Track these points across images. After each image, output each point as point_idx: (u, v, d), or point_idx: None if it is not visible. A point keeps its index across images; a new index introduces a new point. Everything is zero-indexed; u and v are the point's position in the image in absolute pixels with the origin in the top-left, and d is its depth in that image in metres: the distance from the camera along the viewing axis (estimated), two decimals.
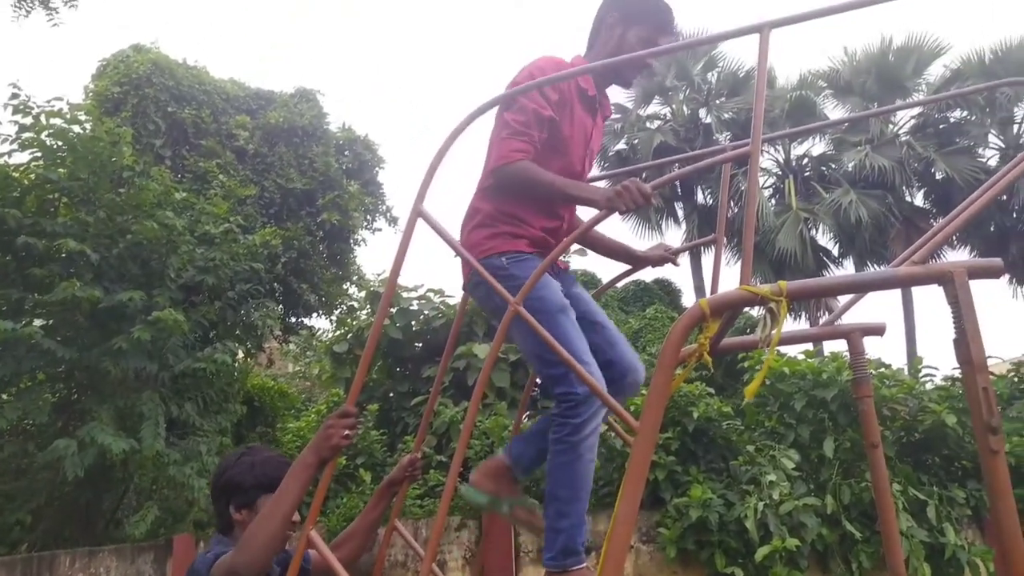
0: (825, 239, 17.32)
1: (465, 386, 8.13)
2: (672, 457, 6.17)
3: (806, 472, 6.23)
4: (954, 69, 16.56)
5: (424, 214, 2.11)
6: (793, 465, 6.06)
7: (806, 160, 18.31)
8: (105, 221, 7.02)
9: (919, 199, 17.26)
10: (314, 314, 13.05)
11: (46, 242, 6.64)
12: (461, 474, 2.11)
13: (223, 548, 1.98)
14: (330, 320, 13.22)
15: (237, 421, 8.67)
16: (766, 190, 17.85)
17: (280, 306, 11.48)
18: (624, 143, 18.19)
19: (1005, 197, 14.86)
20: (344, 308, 12.99)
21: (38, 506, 6.99)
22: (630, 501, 1.63)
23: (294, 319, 12.87)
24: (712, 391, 6.83)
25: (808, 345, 7.98)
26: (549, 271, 2.19)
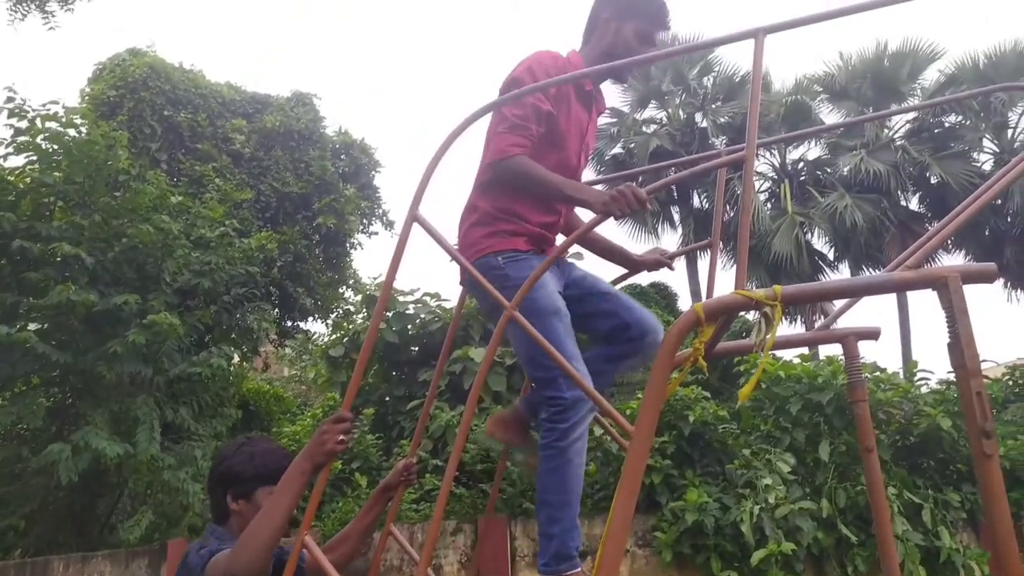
0: (821, 243, 17.37)
1: (461, 390, 8.12)
2: (668, 461, 6.17)
3: (802, 476, 6.24)
4: (949, 74, 16.63)
5: (420, 219, 2.11)
6: (789, 469, 6.06)
7: (802, 164, 18.35)
8: (100, 225, 7.01)
9: (914, 203, 17.32)
10: (310, 318, 13.05)
11: (41, 246, 6.62)
12: (456, 478, 2.12)
13: (218, 543, 1.97)
14: (326, 324, 13.22)
15: (232, 425, 8.64)
16: (762, 194, 17.89)
17: (276, 310, 11.47)
18: (620, 147, 18.21)
19: (1000, 201, 14.91)
20: (340, 312, 12.99)
21: (32, 511, 6.96)
22: (625, 505, 1.63)
23: (290, 323, 12.86)
24: (708, 395, 6.83)
25: (804, 349, 7.99)
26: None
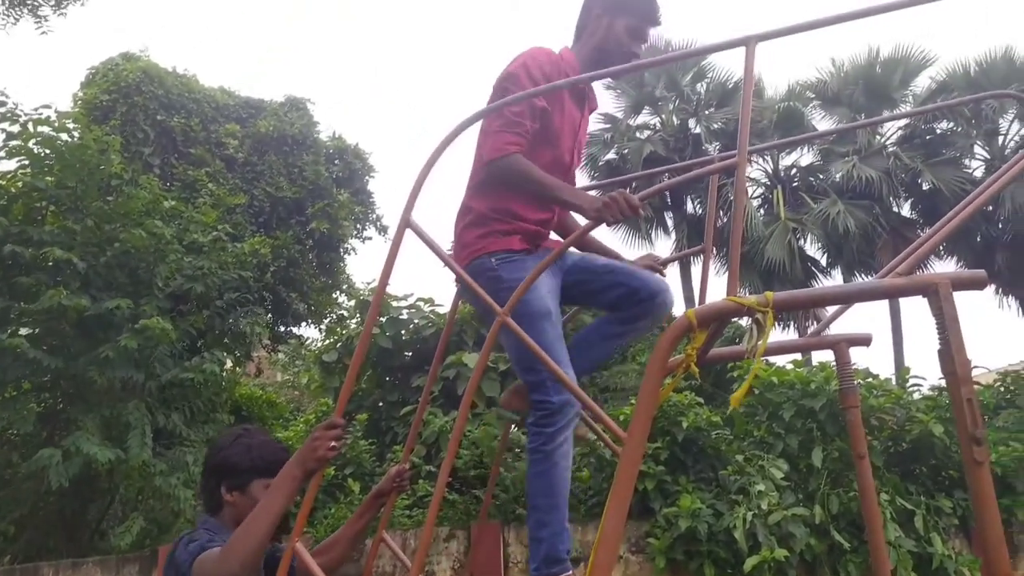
0: (813, 249, 17.42)
1: (455, 395, 8.11)
2: (661, 467, 6.16)
3: (795, 482, 6.24)
4: (940, 81, 16.73)
5: (412, 224, 2.10)
6: (782, 475, 6.06)
7: (794, 170, 18.43)
8: (93, 229, 6.99)
9: (906, 210, 17.39)
10: (303, 323, 13.02)
11: (33, 250, 6.59)
12: (449, 484, 2.12)
13: (208, 536, 1.94)
14: (319, 329, 13.20)
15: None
16: (755, 200, 17.95)
17: (269, 315, 11.44)
18: (614, 153, 18.24)
19: (991, 207, 14.99)
20: (334, 317, 12.96)
21: (21, 516, 6.92)
22: (618, 511, 1.63)
23: (283, 328, 12.82)
24: (701, 400, 6.84)
25: (797, 354, 8.01)
26: (545, 255, 2.26)
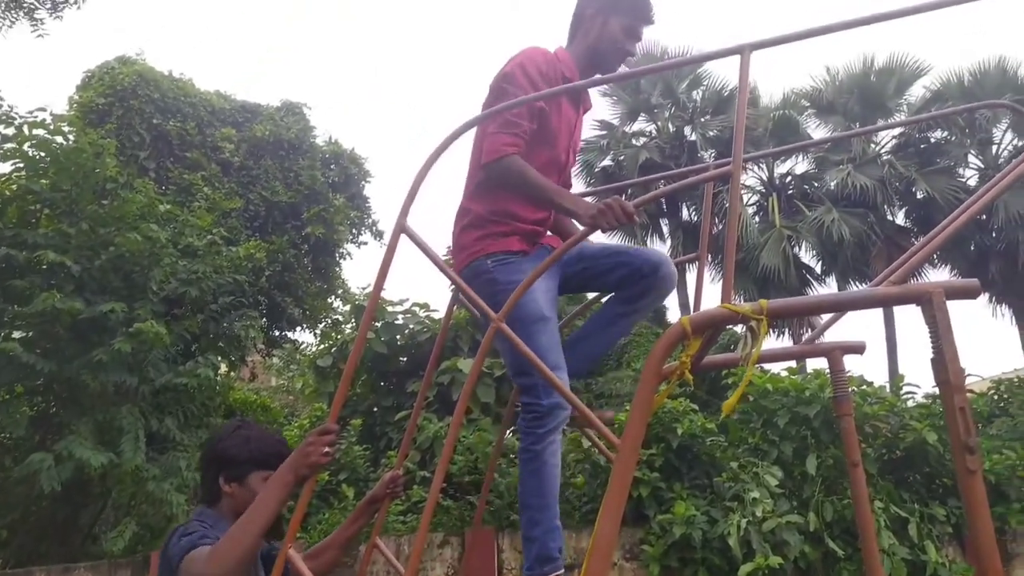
0: (808, 256, 17.45)
1: (449, 401, 8.10)
2: (656, 473, 6.16)
3: (789, 489, 6.24)
4: (934, 90, 16.82)
5: (407, 230, 2.10)
6: (776, 482, 6.06)
7: (789, 178, 18.48)
8: (87, 233, 6.96)
9: (900, 218, 17.44)
10: (298, 328, 13.00)
11: (27, 253, 6.57)
12: (443, 490, 2.12)
13: (202, 529, 1.92)
14: (314, 334, 13.18)
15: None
16: (750, 207, 17.99)
17: (264, 319, 11.42)
18: (610, 159, 18.27)
19: (984, 216, 15.05)
20: (328, 322, 12.95)
21: (13, 521, 6.87)
22: (611, 517, 1.63)
23: (277, 333, 12.80)
24: (696, 407, 6.84)
25: (792, 361, 8.02)
26: (542, 254, 2.32)
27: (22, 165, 6.94)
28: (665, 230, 18.81)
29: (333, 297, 13.42)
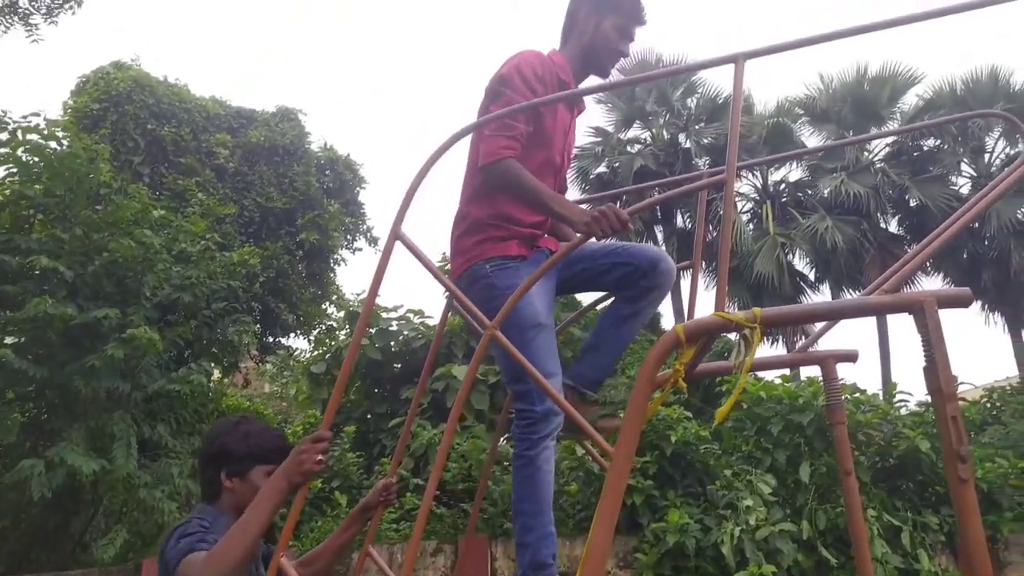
0: (802, 264, 17.52)
1: (444, 408, 8.08)
2: (650, 481, 6.15)
3: (782, 497, 6.24)
4: (927, 99, 16.94)
5: (402, 237, 2.10)
6: (770, 490, 6.06)
7: (783, 186, 18.56)
8: (81, 238, 6.94)
9: (893, 226, 17.53)
10: (292, 334, 12.98)
11: (19, 259, 6.54)
12: (437, 498, 2.12)
13: (201, 531, 1.91)
14: (308, 340, 13.15)
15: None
16: (744, 214, 18.04)
17: (257, 325, 11.39)
18: (604, 166, 18.33)
19: (977, 224, 15.13)
20: (323, 328, 12.93)
21: (3, 528, 6.82)
22: (605, 525, 1.63)
23: (271, 339, 12.77)
24: (690, 415, 6.84)
25: (786, 369, 8.03)
26: (540, 258, 2.33)
27: (16, 170, 6.92)
28: (659, 237, 18.86)
29: (327, 303, 13.41)
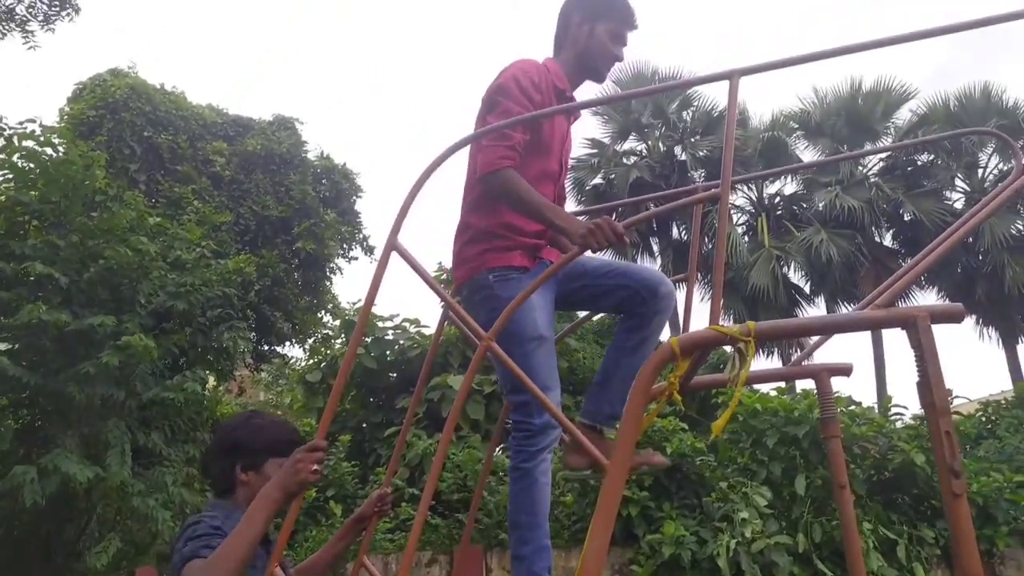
0: (797, 277, 17.58)
1: (439, 417, 8.07)
2: (645, 492, 6.15)
3: (778, 509, 6.24)
4: (921, 114, 17.06)
5: (399, 247, 2.11)
6: (765, 502, 6.06)
7: (778, 199, 18.63)
8: (76, 245, 6.93)
9: (888, 239, 17.61)
10: (287, 342, 12.95)
11: (14, 265, 6.53)
12: (432, 508, 2.12)
13: (207, 537, 1.88)
14: (303, 349, 13.13)
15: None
16: (739, 227, 18.11)
17: (253, 334, 11.37)
18: (600, 178, 18.38)
19: (971, 239, 15.20)
20: (318, 337, 12.91)
21: None
22: (600, 537, 1.63)
23: (266, 347, 12.74)
24: (686, 427, 6.84)
25: (781, 381, 8.04)
26: (542, 270, 2.32)
27: (11, 176, 6.91)
28: (655, 248, 18.90)
29: (323, 312, 13.39)
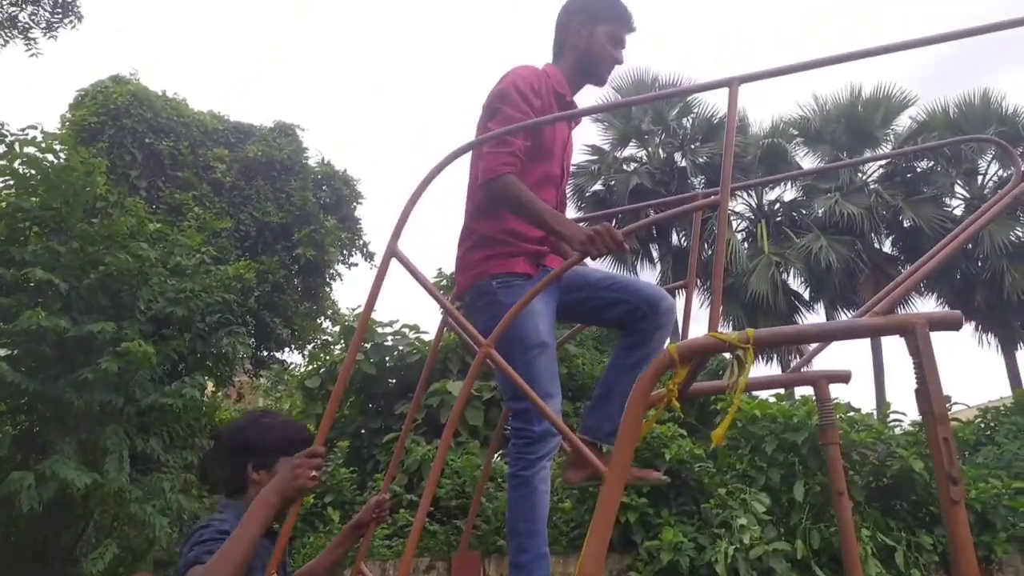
0: (796, 283, 17.59)
1: (438, 423, 8.06)
2: (644, 499, 6.14)
3: (776, 516, 6.23)
4: (920, 121, 17.10)
5: (398, 254, 2.11)
6: (764, 509, 6.05)
7: (778, 205, 18.66)
8: (77, 251, 6.93)
9: (887, 246, 17.63)
10: (286, 348, 12.94)
11: (14, 271, 6.53)
12: (430, 514, 2.11)
13: (211, 543, 1.87)
14: (303, 355, 13.12)
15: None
16: (739, 233, 18.13)
17: (252, 339, 11.36)
18: (601, 184, 18.41)
19: (970, 246, 15.22)
20: (318, 343, 12.90)
21: None
22: (598, 543, 1.63)
23: (266, 353, 12.73)
24: (684, 433, 6.84)
25: (780, 388, 8.03)
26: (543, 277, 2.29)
27: (12, 182, 6.92)
28: (655, 255, 18.92)
29: (322, 318, 13.39)
